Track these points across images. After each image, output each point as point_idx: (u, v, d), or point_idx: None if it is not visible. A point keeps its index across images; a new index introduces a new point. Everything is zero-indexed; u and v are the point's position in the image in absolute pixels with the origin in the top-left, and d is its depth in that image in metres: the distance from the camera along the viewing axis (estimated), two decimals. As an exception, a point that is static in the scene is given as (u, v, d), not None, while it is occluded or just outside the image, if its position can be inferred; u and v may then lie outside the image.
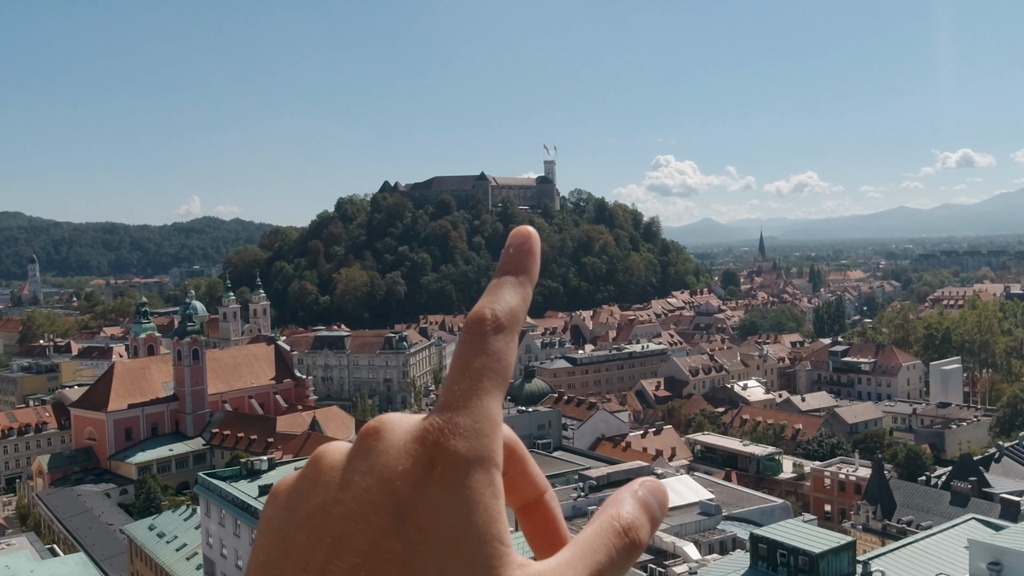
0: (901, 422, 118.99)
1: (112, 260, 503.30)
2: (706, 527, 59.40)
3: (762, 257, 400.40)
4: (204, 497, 68.83)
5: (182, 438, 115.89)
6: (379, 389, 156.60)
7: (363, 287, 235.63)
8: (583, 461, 78.74)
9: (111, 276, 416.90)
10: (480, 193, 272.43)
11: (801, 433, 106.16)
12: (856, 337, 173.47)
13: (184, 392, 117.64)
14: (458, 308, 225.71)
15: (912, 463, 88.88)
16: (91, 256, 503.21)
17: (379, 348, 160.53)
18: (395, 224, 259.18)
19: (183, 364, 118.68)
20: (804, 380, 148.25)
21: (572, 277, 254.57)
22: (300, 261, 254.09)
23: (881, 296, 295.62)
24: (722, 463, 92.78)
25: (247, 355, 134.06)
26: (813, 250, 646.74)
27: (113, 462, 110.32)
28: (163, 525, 76.29)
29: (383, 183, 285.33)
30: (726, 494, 67.85)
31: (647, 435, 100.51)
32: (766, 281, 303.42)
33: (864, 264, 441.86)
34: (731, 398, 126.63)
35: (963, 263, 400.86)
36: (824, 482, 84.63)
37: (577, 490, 63.87)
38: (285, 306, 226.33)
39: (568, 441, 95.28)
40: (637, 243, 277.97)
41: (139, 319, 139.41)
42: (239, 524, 62.39)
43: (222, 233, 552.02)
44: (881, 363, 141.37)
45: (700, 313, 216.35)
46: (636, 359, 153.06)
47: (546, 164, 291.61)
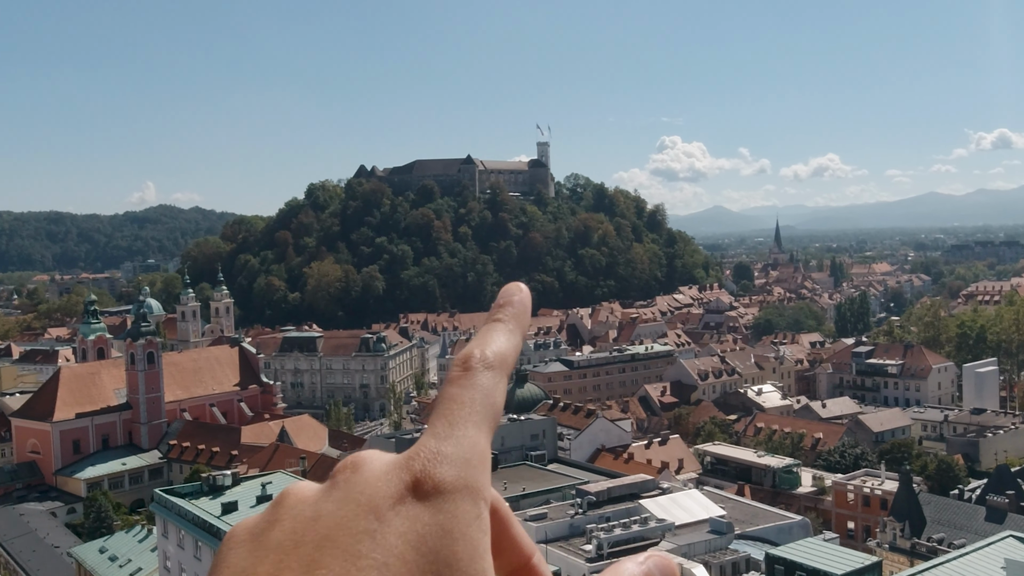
0: (932, 430, 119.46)
1: (57, 253, 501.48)
2: (717, 547, 59.57)
3: (778, 248, 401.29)
4: (161, 516, 68.66)
5: (136, 451, 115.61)
6: (355, 396, 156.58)
7: (337, 283, 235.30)
8: (581, 474, 78.81)
9: (56, 271, 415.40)
10: (466, 178, 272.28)
11: (821, 443, 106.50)
12: (882, 337, 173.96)
13: (138, 400, 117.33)
14: (442, 306, 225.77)
15: (944, 475, 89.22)
16: (34, 249, 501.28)
17: (355, 350, 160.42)
18: (372, 213, 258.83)
19: (137, 369, 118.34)
20: (825, 384, 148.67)
21: (568, 271, 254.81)
22: (267, 254, 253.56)
23: (909, 291, 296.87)
24: (734, 476, 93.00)
25: (208, 359, 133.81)
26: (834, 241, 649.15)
27: (59, 478, 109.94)
28: (115, 547, 76.09)
29: (359, 167, 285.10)
30: (739, 510, 68.04)
31: (652, 445, 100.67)
32: (783, 275, 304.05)
33: (891, 256, 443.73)
34: (744, 404, 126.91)
35: (1000, 254, 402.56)
36: (847, 497, 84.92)
37: (574, 506, 63.98)
38: (250, 304, 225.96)
39: (564, 452, 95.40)
40: (640, 233, 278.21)
41: (88, 319, 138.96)
42: (200, 546, 62.31)
43: (180, 223, 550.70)
44: (909, 365, 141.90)
45: (710, 311, 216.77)
46: (639, 362, 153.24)
47: (539, 146, 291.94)
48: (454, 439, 1.56)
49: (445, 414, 1.60)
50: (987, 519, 72.85)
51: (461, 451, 1.55)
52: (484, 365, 1.67)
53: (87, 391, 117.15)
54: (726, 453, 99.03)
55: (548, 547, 57.06)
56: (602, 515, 61.43)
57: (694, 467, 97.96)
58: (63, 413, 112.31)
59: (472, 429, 1.59)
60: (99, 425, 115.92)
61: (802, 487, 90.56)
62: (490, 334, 1.75)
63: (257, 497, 64.58)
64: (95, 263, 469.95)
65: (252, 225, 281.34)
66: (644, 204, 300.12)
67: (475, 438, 1.58)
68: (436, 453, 1.53)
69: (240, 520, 1.55)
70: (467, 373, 1.66)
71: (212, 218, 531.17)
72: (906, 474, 79.12)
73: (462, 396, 1.62)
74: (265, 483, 67.37)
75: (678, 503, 65.34)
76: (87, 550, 77.82)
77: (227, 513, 62.79)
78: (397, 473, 1.51)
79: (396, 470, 1.52)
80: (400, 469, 1.52)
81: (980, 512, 74.59)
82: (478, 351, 1.70)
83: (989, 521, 71.96)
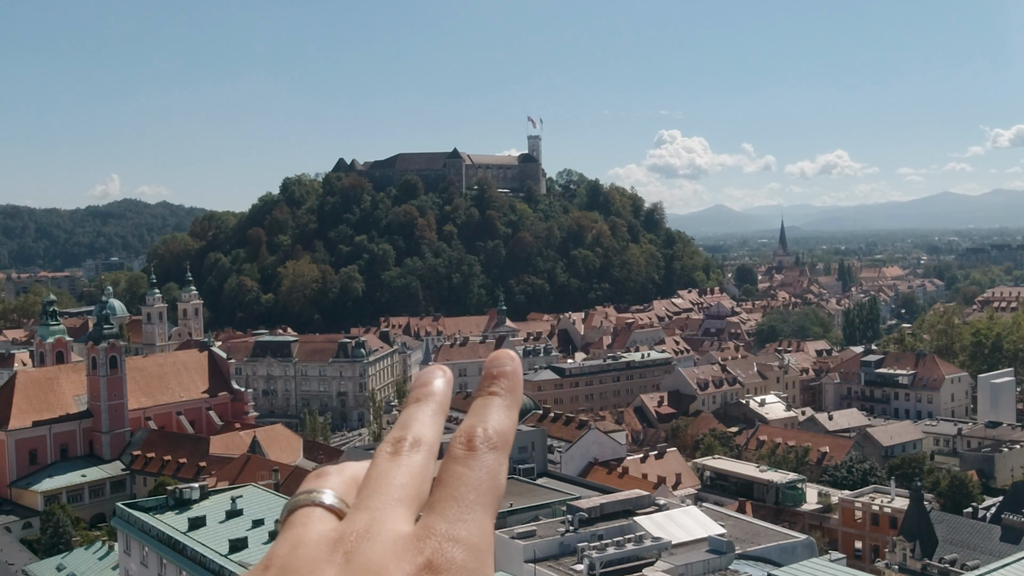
0: (944, 444, 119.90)
1: (14, 250, 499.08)
2: (716, 567, 59.59)
3: (783, 250, 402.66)
4: (123, 531, 68.44)
5: (97, 462, 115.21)
6: (332, 404, 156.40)
7: (313, 283, 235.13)
8: (572, 489, 78.75)
9: (12, 269, 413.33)
10: (452, 173, 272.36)
11: (828, 457, 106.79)
12: (892, 345, 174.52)
13: (100, 407, 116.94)
14: (425, 309, 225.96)
15: (957, 492, 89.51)
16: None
17: (332, 356, 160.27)
18: (351, 209, 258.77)
19: (99, 374, 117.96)
20: (832, 395, 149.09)
21: (560, 273, 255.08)
22: (239, 252, 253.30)
23: (922, 297, 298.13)
24: (735, 492, 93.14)
25: (175, 364, 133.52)
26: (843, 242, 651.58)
27: (14, 490, 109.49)
28: (74, 565, 75.84)
29: (337, 161, 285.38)
30: (740, 528, 68.09)
31: (647, 459, 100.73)
32: (787, 279, 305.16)
33: (902, 259, 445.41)
34: (746, 416, 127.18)
35: (1017, 258, 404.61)
36: (854, 514, 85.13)
37: (565, 524, 63.88)
38: (220, 306, 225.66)
39: (555, 466, 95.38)
40: (637, 233, 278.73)
41: (46, 320, 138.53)
42: (164, 564, 62.12)
43: (145, 219, 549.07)
44: (921, 375, 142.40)
45: (710, 316, 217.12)
46: (635, 370, 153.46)
47: (530, 140, 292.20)
48: (464, 523, 1.69)
49: (455, 496, 1.72)
50: (1002, 539, 73.03)
51: (471, 536, 1.67)
52: (488, 446, 1.79)
53: (45, 397, 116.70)
54: (726, 468, 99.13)
55: (537, 567, 57.03)
56: (594, 533, 61.30)
57: (692, 482, 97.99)
58: (19, 421, 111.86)
59: (480, 513, 1.72)
60: (57, 434, 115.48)
61: (807, 504, 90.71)
62: (488, 409, 1.85)
63: (227, 512, 64.41)
64: (54, 261, 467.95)
65: (223, 221, 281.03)
66: (641, 202, 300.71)
67: (483, 522, 1.71)
68: (448, 536, 1.66)
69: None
70: (472, 453, 1.78)
71: (180, 213, 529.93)
72: (917, 491, 79.29)
73: (469, 478, 1.74)
74: (235, 497, 67.15)
75: (675, 520, 65.31)
76: (43, 568, 77.57)
77: (194, 529, 62.60)
78: (409, 554, 1.65)
79: (408, 549, 1.66)
80: (412, 549, 1.66)
81: (995, 531, 74.79)
82: (481, 429, 1.81)
83: (1004, 541, 72.14)
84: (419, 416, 1.90)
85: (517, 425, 1.89)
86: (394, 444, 1.86)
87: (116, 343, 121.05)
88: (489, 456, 1.79)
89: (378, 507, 1.75)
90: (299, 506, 1.91)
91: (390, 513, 1.75)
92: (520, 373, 1.97)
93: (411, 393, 2.00)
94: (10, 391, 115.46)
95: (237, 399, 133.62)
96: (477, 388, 1.94)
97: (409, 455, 1.83)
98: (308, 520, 1.85)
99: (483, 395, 1.90)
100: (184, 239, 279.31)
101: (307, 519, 1.86)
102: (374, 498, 1.76)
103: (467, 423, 1.84)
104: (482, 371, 2.04)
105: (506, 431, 1.85)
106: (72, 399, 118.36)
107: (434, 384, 1.97)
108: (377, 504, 1.75)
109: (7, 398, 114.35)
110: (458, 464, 1.76)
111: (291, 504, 1.94)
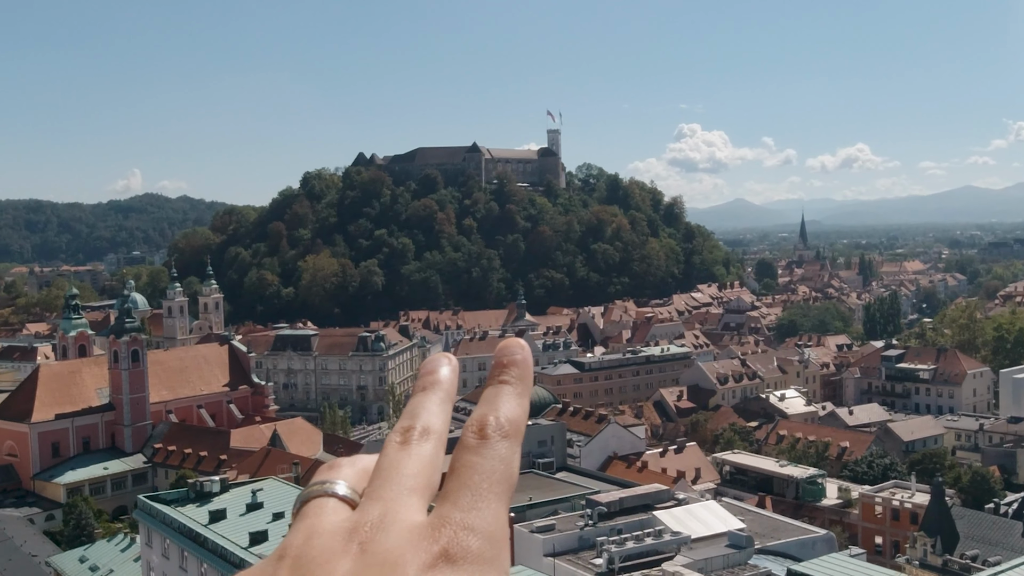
0: (966, 440, 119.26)
1: (37, 244, 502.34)
2: (736, 562, 59.53)
3: (803, 245, 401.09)
4: (145, 524, 68.85)
5: (119, 454, 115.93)
6: (351, 398, 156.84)
7: (333, 277, 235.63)
8: (591, 484, 78.87)
9: (36, 263, 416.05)
10: (471, 167, 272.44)
11: (848, 452, 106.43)
12: (913, 340, 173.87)
13: (121, 401, 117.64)
14: (444, 303, 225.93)
15: (978, 488, 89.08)
16: (11, 239, 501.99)
17: (352, 349, 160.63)
18: (371, 203, 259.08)
19: (120, 367, 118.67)
20: (852, 390, 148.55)
21: (579, 267, 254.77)
22: (259, 246, 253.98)
23: (943, 291, 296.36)
24: (755, 487, 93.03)
25: (196, 357, 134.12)
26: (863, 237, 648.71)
27: (37, 482, 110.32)
28: (96, 557, 76.32)
29: (357, 155, 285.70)
30: (759, 523, 68.00)
31: (667, 453, 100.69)
32: (808, 273, 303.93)
33: (923, 254, 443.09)
34: (766, 411, 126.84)
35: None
36: (875, 510, 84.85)
37: (584, 518, 63.92)
38: (241, 299, 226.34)
39: (574, 460, 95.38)
40: (656, 227, 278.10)
41: (68, 314, 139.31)
42: (186, 556, 62.47)
43: (167, 213, 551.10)
44: (943, 370, 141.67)
45: (730, 310, 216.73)
46: (654, 364, 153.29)
47: (549, 134, 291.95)
48: (478, 511, 1.68)
49: (468, 484, 1.71)
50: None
51: (486, 525, 1.66)
52: (501, 434, 1.78)
53: (67, 391, 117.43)
54: (746, 462, 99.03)
55: (556, 561, 57.10)
56: (613, 527, 61.33)
57: (712, 477, 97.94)
58: (42, 414, 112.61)
59: (495, 502, 1.71)
60: (80, 427, 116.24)
61: (827, 499, 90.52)
62: (499, 398, 1.84)
63: (247, 505, 64.66)
64: (77, 255, 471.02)
65: (243, 216, 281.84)
66: (661, 196, 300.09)
67: (498, 511, 1.70)
68: (464, 525, 1.65)
69: None
70: (485, 442, 1.76)
71: (201, 208, 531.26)
72: (938, 486, 79.01)
73: (483, 466, 1.73)
74: (256, 490, 67.39)
75: (694, 515, 65.27)
76: (66, 559, 78.04)
77: (215, 521, 62.91)
78: (425, 543, 1.64)
79: (423, 539, 1.65)
80: (427, 538, 1.65)
81: (1017, 528, 74.45)
82: (492, 418, 1.79)
83: (1026, 537, 71.84)
84: (427, 404, 1.90)
85: (528, 413, 1.87)
86: (403, 433, 1.86)
87: (138, 337, 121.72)
88: (502, 445, 1.78)
89: (391, 497, 1.74)
90: (312, 496, 1.90)
91: (403, 503, 1.74)
92: (530, 361, 1.96)
93: (418, 381, 2.00)
94: (33, 384, 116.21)
95: (257, 392, 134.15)
96: (488, 377, 1.93)
97: (419, 444, 1.83)
98: (322, 511, 1.85)
99: (494, 384, 1.89)
100: (205, 233, 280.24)
101: (320, 509, 1.85)
102: (386, 488, 1.76)
103: (478, 412, 1.82)
104: (492, 360, 2.02)
105: (518, 419, 1.83)
106: (94, 392, 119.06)
107: (440, 372, 1.97)
108: (390, 494, 1.75)
109: (30, 391, 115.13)
110: (471, 453, 1.75)
111: (304, 495, 1.93)
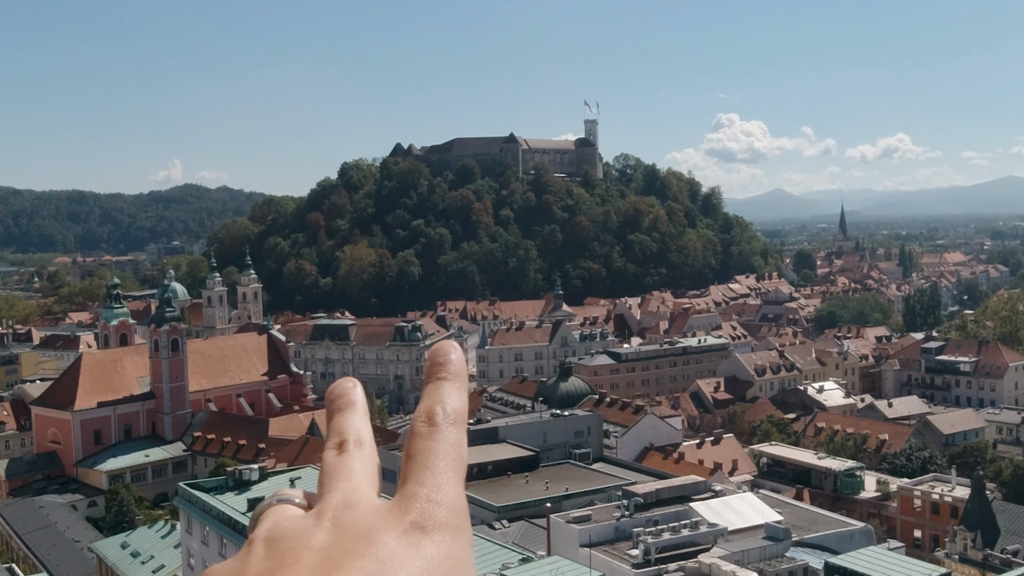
0: (1007, 433, 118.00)
1: (79, 234, 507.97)
2: (772, 554, 59.28)
3: (843, 235, 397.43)
4: (185, 511, 69.56)
5: (160, 442, 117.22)
6: (389, 387, 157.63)
7: (371, 267, 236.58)
8: (627, 475, 78.73)
9: (78, 253, 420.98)
10: (508, 158, 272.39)
11: (887, 445, 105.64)
12: (954, 332, 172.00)
13: (162, 389, 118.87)
14: (481, 293, 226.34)
15: (1020, 482, 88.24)
16: (55, 230, 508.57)
17: (389, 339, 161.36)
18: (408, 194, 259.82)
19: (161, 356, 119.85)
20: (891, 382, 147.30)
21: (616, 258, 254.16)
22: (297, 237, 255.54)
23: (985, 283, 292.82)
24: (792, 479, 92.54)
25: (235, 346, 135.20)
26: (904, 227, 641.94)
27: (80, 469, 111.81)
28: (137, 543, 77.17)
29: (395, 146, 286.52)
30: (797, 515, 67.64)
31: (704, 445, 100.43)
32: (847, 264, 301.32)
33: (965, 245, 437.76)
34: (804, 402, 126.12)
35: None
36: (914, 503, 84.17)
37: (620, 508, 63.89)
38: (279, 289, 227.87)
39: (610, 451, 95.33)
40: (694, 218, 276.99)
41: (110, 303, 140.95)
42: (225, 543, 63.06)
43: (206, 203, 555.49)
44: (984, 363, 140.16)
45: (768, 302, 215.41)
46: (691, 355, 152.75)
47: (587, 124, 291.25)
48: (440, 487, 1.78)
49: (427, 466, 1.81)
50: (1066, 530, 71.90)
51: (449, 499, 1.78)
52: (448, 422, 1.89)
53: (109, 379, 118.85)
54: (784, 454, 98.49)
55: (592, 551, 57.10)
56: (650, 518, 61.25)
57: (749, 469, 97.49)
58: (84, 402, 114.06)
59: (453, 479, 1.82)
60: (121, 415, 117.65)
61: (865, 492, 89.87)
62: (441, 392, 1.96)
63: (285, 493, 65.06)
64: (118, 244, 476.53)
65: (282, 206, 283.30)
66: (698, 187, 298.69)
67: (457, 487, 1.81)
68: (429, 499, 1.76)
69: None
70: (435, 429, 1.88)
71: (240, 198, 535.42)
72: (979, 480, 78.24)
73: (438, 449, 1.84)
74: (294, 478, 67.92)
75: (731, 507, 65.05)
76: (108, 545, 78.98)
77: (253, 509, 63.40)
78: (395, 515, 1.74)
79: (393, 512, 1.74)
80: (397, 511, 1.75)
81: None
82: (440, 408, 1.91)
83: (1069, 532, 71.03)
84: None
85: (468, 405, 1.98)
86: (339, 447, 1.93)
87: (178, 326, 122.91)
88: (451, 431, 1.88)
89: (348, 487, 1.81)
90: (267, 507, 1.93)
91: (361, 490, 1.82)
92: (463, 359, 2.05)
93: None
94: (76, 373, 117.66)
95: (296, 382, 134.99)
96: (425, 376, 2.03)
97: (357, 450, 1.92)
98: (282, 510, 1.88)
99: (433, 381, 1.99)
100: (244, 223, 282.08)
101: (280, 510, 1.89)
102: (340, 481, 1.83)
103: (424, 404, 1.93)
104: (426, 362, 2.12)
105: (460, 409, 1.94)
106: (136, 380, 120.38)
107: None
108: (346, 485, 1.82)
109: (73, 379, 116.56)
110: (424, 439, 1.85)
111: (258, 509, 1.95)
